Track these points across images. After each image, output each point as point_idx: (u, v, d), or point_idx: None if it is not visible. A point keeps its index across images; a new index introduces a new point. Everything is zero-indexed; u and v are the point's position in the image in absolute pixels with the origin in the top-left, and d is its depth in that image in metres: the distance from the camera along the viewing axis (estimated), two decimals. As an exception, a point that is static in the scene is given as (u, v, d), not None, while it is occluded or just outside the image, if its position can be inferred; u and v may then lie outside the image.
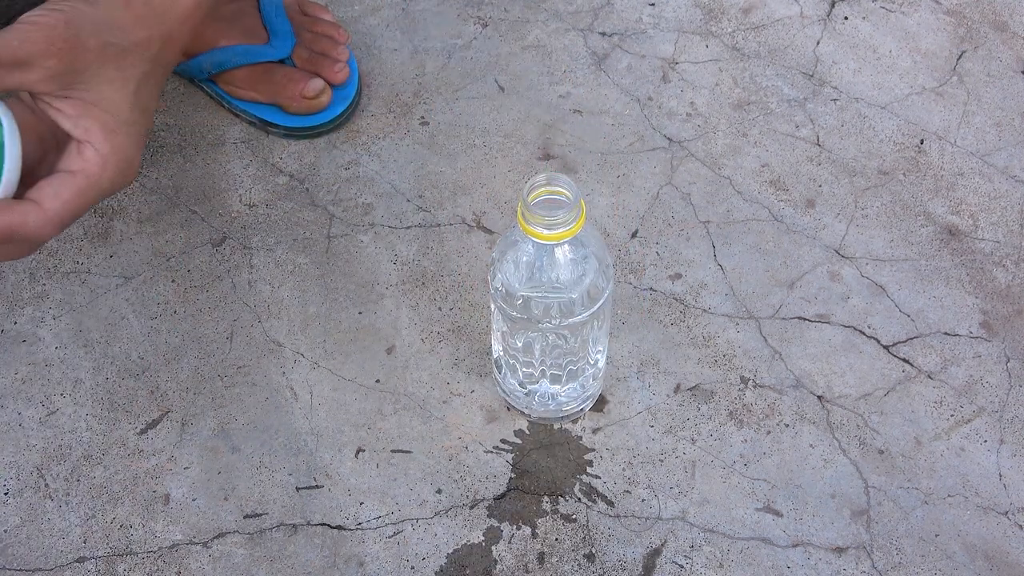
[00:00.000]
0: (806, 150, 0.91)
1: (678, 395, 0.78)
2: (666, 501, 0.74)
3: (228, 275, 0.84)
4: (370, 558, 0.72)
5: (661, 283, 0.83)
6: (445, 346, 0.80)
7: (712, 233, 0.86)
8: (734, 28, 1.00)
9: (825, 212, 0.87)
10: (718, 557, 0.72)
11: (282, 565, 0.71)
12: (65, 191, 0.50)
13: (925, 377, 0.79)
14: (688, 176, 0.89)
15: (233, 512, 0.74)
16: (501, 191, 0.89)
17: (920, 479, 0.75)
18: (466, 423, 0.77)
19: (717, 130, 0.92)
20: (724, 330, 0.81)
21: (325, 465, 0.75)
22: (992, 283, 0.84)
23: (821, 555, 0.72)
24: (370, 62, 0.97)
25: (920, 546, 0.72)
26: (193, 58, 0.90)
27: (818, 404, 0.78)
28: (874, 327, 0.81)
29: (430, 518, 0.73)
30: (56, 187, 0.50)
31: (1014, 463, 0.75)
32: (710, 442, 0.76)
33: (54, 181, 0.50)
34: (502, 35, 0.99)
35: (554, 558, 0.72)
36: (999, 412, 0.78)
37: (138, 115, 0.53)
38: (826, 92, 0.95)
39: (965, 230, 0.87)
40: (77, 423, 0.77)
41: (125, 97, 0.52)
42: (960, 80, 0.96)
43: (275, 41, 0.91)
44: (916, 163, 0.90)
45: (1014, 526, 0.73)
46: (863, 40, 0.99)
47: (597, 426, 0.77)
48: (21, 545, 0.72)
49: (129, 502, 0.74)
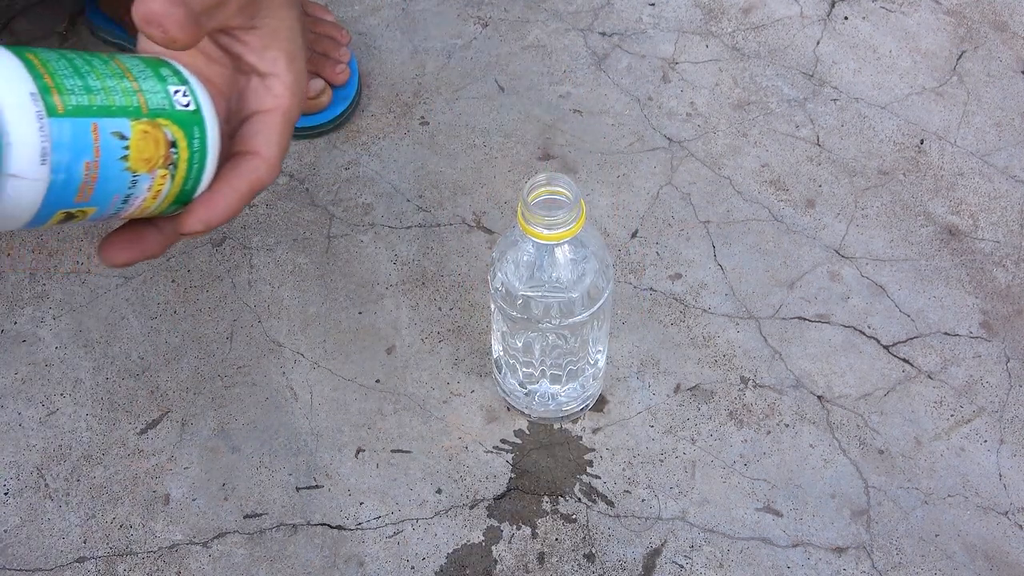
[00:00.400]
0: (806, 150, 0.91)
1: (678, 395, 0.78)
2: (666, 501, 0.74)
3: (228, 275, 0.84)
4: (370, 558, 0.72)
5: (661, 283, 0.84)
6: (445, 346, 0.80)
7: (712, 233, 0.86)
8: (734, 28, 1.00)
9: (825, 212, 0.87)
10: (718, 557, 0.72)
11: (282, 565, 0.71)
12: (272, 132, 0.48)
13: (925, 377, 0.79)
14: (688, 176, 0.89)
15: (233, 512, 0.74)
16: (501, 191, 0.89)
17: (920, 479, 0.75)
18: (466, 423, 0.77)
19: (717, 130, 0.92)
20: (724, 330, 0.81)
21: (325, 465, 0.75)
22: (992, 283, 0.84)
23: (821, 555, 0.72)
24: (370, 62, 0.97)
25: (920, 546, 0.72)
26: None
27: (818, 404, 0.78)
28: (874, 327, 0.81)
29: (430, 518, 0.73)
30: (264, 132, 0.48)
31: (1014, 463, 0.75)
32: (710, 442, 0.76)
33: (259, 126, 0.48)
34: (502, 35, 0.99)
35: (554, 558, 0.72)
36: (999, 412, 0.78)
37: (304, 41, 0.51)
38: (826, 92, 0.95)
39: (965, 230, 0.87)
40: (77, 423, 0.77)
41: (297, 21, 0.50)
42: (960, 80, 0.96)
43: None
44: (916, 163, 0.90)
45: (1014, 526, 0.73)
46: (863, 40, 0.99)
47: (597, 426, 0.77)
48: (21, 545, 0.72)
49: (129, 502, 0.74)
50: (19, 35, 0.98)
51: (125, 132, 0.40)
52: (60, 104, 0.38)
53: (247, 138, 0.48)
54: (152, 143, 0.41)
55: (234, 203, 0.46)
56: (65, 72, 0.39)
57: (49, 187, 0.38)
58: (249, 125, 0.48)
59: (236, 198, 0.46)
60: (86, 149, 0.39)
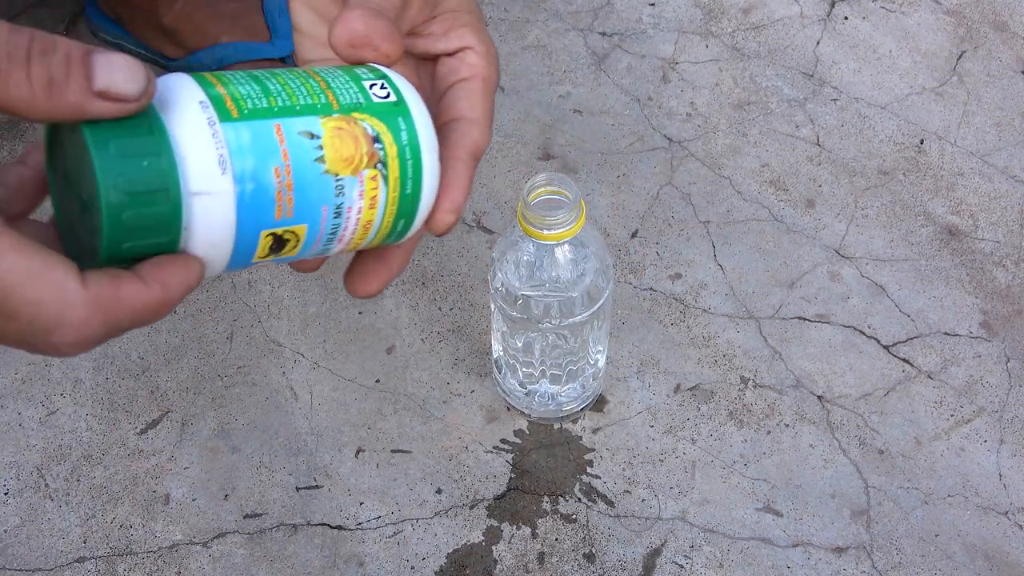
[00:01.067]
0: (806, 150, 0.91)
1: (678, 395, 0.78)
2: (666, 501, 0.74)
3: (228, 275, 0.84)
4: (370, 558, 0.72)
5: (661, 283, 0.84)
6: (445, 346, 0.80)
7: (712, 233, 0.86)
8: (734, 28, 1.00)
9: (825, 212, 0.87)
10: (718, 557, 0.72)
11: (282, 565, 0.71)
12: (475, 96, 0.44)
13: (925, 377, 0.79)
14: (688, 176, 0.89)
15: (233, 512, 0.74)
16: (501, 191, 0.89)
17: (920, 479, 0.75)
18: (466, 423, 0.77)
19: (717, 130, 0.92)
20: (724, 330, 0.81)
21: (325, 465, 0.75)
22: (992, 283, 0.84)
23: (821, 555, 0.72)
24: (370, 62, 0.97)
25: (920, 546, 0.72)
26: (193, 54, 0.90)
27: (818, 404, 0.78)
28: (874, 327, 0.81)
29: (430, 518, 0.73)
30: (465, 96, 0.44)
31: (1014, 463, 0.75)
32: (710, 442, 0.76)
33: (459, 93, 0.44)
34: (502, 35, 0.99)
35: (554, 558, 0.72)
36: (999, 412, 0.78)
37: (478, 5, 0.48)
38: (826, 92, 0.95)
39: (965, 230, 0.87)
40: (77, 423, 0.77)
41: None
42: (960, 80, 0.96)
43: (276, 40, 0.91)
44: (916, 163, 0.90)
45: (1014, 526, 0.73)
46: (863, 40, 0.99)
47: (597, 426, 0.77)
48: (21, 545, 0.72)
49: (129, 502, 0.74)
50: (19, 35, 0.98)
51: (315, 131, 0.36)
52: (234, 109, 0.34)
53: (449, 107, 0.43)
54: (350, 140, 0.36)
55: (464, 176, 0.41)
56: (240, 80, 0.36)
57: (238, 200, 0.34)
58: (448, 96, 0.44)
59: (463, 170, 0.41)
60: (272, 152, 0.35)
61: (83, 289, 0.31)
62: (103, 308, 0.32)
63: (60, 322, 0.31)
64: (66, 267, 0.31)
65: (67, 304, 0.31)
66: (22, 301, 0.31)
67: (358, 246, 0.39)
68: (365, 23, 0.38)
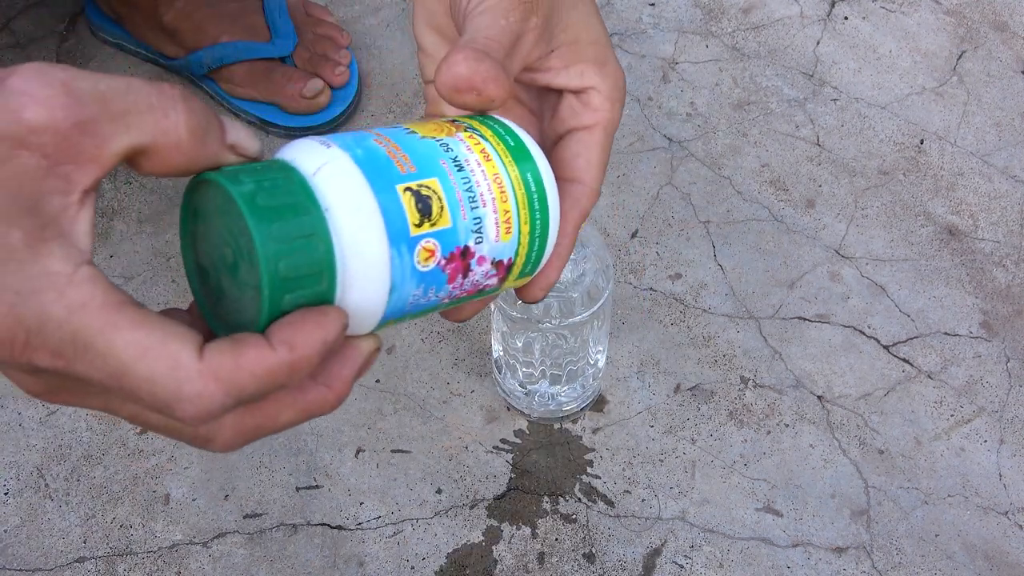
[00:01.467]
0: (806, 150, 0.91)
1: (678, 395, 0.78)
2: (666, 501, 0.74)
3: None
4: (370, 558, 0.72)
5: (661, 283, 0.84)
6: (445, 346, 0.80)
7: (712, 233, 0.86)
8: (734, 28, 1.00)
9: (825, 212, 0.87)
10: (718, 557, 0.72)
11: (282, 565, 0.71)
12: (594, 154, 0.42)
13: (925, 377, 0.79)
14: (688, 176, 0.89)
15: (233, 512, 0.74)
16: (501, 191, 0.88)
17: (920, 479, 0.75)
18: (466, 423, 0.77)
19: (717, 130, 0.92)
20: (724, 330, 0.81)
21: (325, 465, 0.75)
22: (992, 283, 0.84)
23: (821, 555, 0.72)
24: (370, 62, 0.97)
25: (920, 546, 0.72)
26: (193, 53, 0.90)
27: (818, 404, 0.78)
28: (874, 327, 0.81)
29: (430, 518, 0.73)
30: (584, 153, 0.42)
31: (1014, 463, 0.75)
32: (710, 442, 0.76)
33: (578, 147, 0.42)
34: (502, 35, 0.99)
35: (554, 558, 0.72)
36: (999, 412, 0.78)
37: (603, 26, 0.45)
38: (826, 92, 0.95)
39: (965, 230, 0.87)
40: (77, 423, 0.77)
41: (592, 16, 0.44)
42: (960, 80, 0.96)
43: (277, 40, 0.91)
44: (916, 163, 0.90)
45: (1014, 526, 0.73)
46: (863, 40, 0.99)
47: (597, 426, 0.77)
48: (21, 545, 0.72)
49: (129, 502, 0.74)
50: (19, 35, 0.98)
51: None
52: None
53: (566, 161, 0.42)
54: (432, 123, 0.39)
55: (569, 246, 0.41)
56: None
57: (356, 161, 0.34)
58: (566, 145, 0.43)
59: (568, 241, 0.41)
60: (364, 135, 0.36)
61: (198, 361, 0.30)
62: (220, 378, 0.30)
63: (178, 396, 0.30)
64: (183, 339, 0.30)
65: (181, 378, 0.30)
66: (140, 379, 0.30)
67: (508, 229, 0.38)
68: (468, 66, 0.37)
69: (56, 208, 0.30)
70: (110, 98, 0.30)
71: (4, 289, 0.29)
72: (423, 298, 0.36)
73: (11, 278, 0.29)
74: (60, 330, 0.29)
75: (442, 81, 0.38)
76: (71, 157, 0.30)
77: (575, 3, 0.43)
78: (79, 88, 0.30)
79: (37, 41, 0.97)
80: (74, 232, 0.30)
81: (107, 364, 0.30)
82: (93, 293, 0.30)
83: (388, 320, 0.36)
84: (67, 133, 0.30)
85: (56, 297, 0.29)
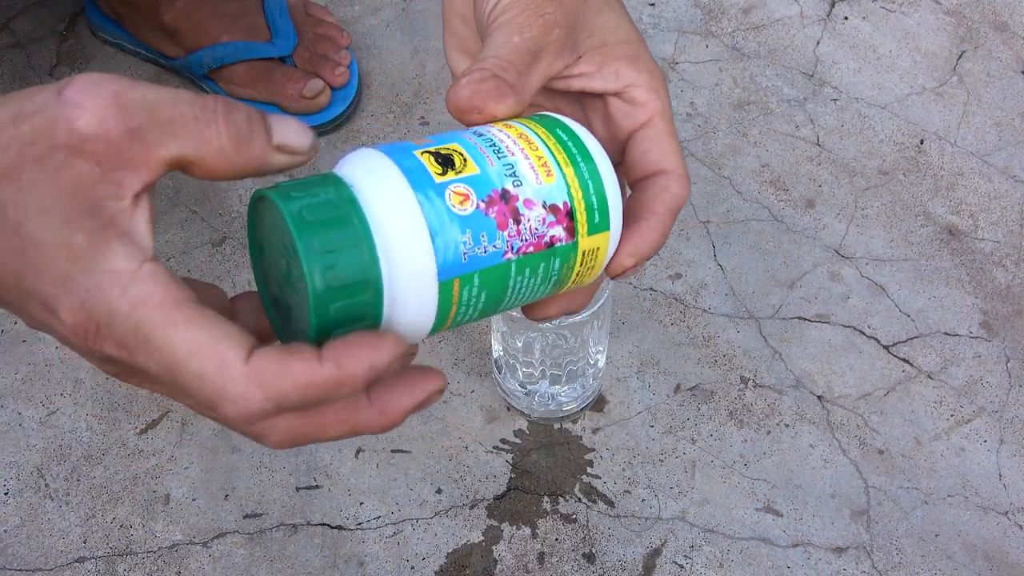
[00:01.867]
0: (806, 150, 0.91)
1: (678, 395, 0.78)
2: (666, 501, 0.74)
3: (228, 275, 0.84)
4: (370, 558, 0.72)
5: (661, 283, 0.84)
6: (445, 346, 0.80)
7: (712, 233, 0.86)
8: (734, 28, 1.00)
9: (825, 212, 0.87)
10: (718, 557, 0.72)
11: (282, 565, 0.71)
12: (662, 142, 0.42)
13: (925, 377, 0.79)
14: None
15: (233, 512, 0.74)
16: (501, 191, 0.88)
17: (920, 479, 0.75)
18: (466, 423, 0.77)
19: (717, 130, 0.92)
20: (724, 330, 0.81)
21: (325, 465, 0.75)
22: (992, 283, 0.84)
23: (821, 555, 0.72)
24: (370, 62, 0.97)
25: (920, 546, 0.72)
26: (193, 53, 0.90)
27: (818, 404, 0.78)
28: (874, 327, 0.81)
29: (430, 518, 0.73)
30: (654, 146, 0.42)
31: (1014, 463, 0.75)
32: (710, 442, 0.76)
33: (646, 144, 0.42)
34: (502, 35, 0.99)
35: (554, 558, 0.72)
36: (999, 412, 0.78)
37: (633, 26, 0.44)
38: (826, 92, 0.95)
39: (965, 230, 0.87)
40: (77, 423, 0.77)
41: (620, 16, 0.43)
42: (960, 80, 0.96)
43: (277, 40, 0.91)
44: (916, 163, 0.90)
45: (1014, 526, 0.73)
46: (863, 40, 0.99)
47: (597, 426, 0.77)
48: (21, 545, 0.72)
49: (129, 502, 0.74)
50: (19, 35, 0.98)
51: None
52: None
53: (640, 160, 0.43)
54: None
55: (661, 232, 0.41)
56: None
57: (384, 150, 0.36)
58: (634, 147, 0.43)
59: (659, 226, 0.41)
60: None
61: (244, 364, 0.32)
62: (263, 384, 0.32)
63: (222, 396, 0.32)
64: (234, 341, 0.32)
65: (226, 378, 0.32)
66: (189, 375, 0.32)
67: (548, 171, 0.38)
68: (471, 88, 0.39)
69: (113, 210, 0.32)
70: (157, 108, 0.32)
71: (78, 286, 0.32)
72: (479, 248, 0.35)
73: (82, 276, 0.32)
74: (124, 323, 0.32)
75: (450, 104, 0.39)
76: (122, 163, 0.32)
77: (602, 8, 0.43)
78: (129, 99, 0.32)
79: (37, 41, 0.97)
80: (134, 231, 0.33)
81: (163, 358, 0.32)
82: (154, 289, 0.32)
83: (452, 276, 0.35)
84: (118, 141, 0.32)
85: (120, 293, 0.32)
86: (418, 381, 0.37)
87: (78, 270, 0.32)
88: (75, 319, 0.32)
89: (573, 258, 0.38)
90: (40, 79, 0.95)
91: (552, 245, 0.37)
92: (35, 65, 0.96)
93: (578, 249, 0.38)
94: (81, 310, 0.32)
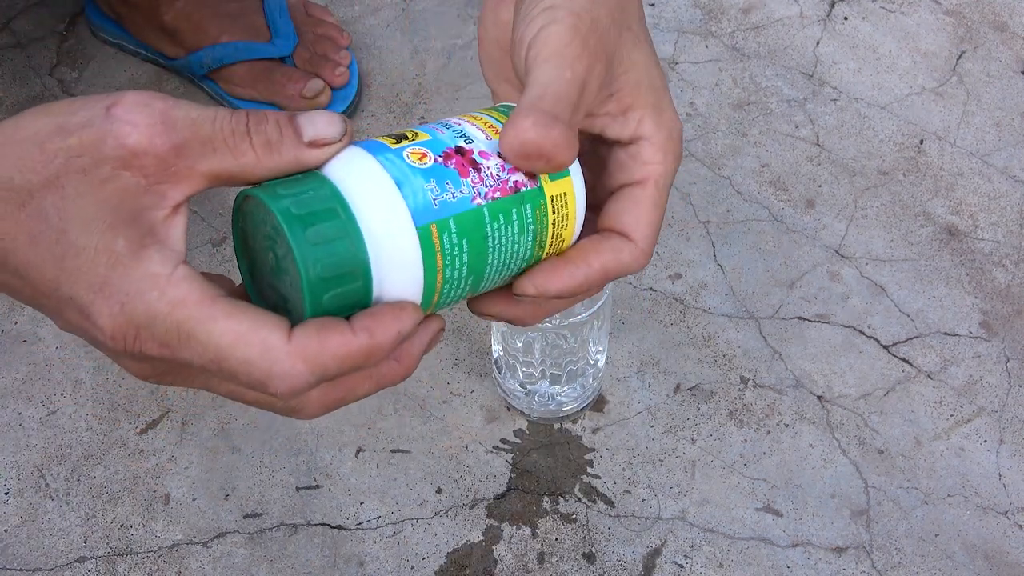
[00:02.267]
0: (806, 150, 0.91)
1: (678, 395, 0.78)
2: (666, 501, 0.74)
3: (228, 275, 0.84)
4: (370, 558, 0.72)
5: (661, 283, 0.84)
6: (445, 346, 0.81)
7: (712, 233, 0.86)
8: (734, 28, 1.00)
9: (825, 212, 0.88)
10: (718, 557, 0.72)
11: (282, 565, 0.71)
12: (642, 209, 0.41)
13: (925, 377, 0.79)
14: (688, 176, 0.89)
15: (233, 512, 0.74)
16: (501, 191, 0.89)
17: (920, 479, 0.75)
18: (466, 423, 0.77)
19: (717, 130, 0.92)
20: (724, 330, 0.81)
21: (325, 465, 0.75)
22: (992, 283, 0.84)
23: (821, 555, 0.72)
24: (370, 62, 0.97)
25: (920, 546, 0.72)
26: (194, 53, 0.90)
27: (818, 404, 0.78)
28: (874, 327, 0.81)
29: (430, 518, 0.73)
30: (632, 209, 0.41)
31: (1014, 463, 0.75)
32: (710, 442, 0.76)
33: (627, 203, 0.41)
34: (502, 35, 0.99)
35: (554, 558, 0.72)
36: (999, 412, 0.78)
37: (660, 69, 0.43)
38: (826, 92, 0.95)
39: (965, 230, 0.87)
40: (77, 423, 0.77)
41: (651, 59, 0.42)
42: (960, 80, 0.96)
43: (277, 40, 0.91)
44: (916, 163, 0.90)
45: (1014, 526, 0.73)
46: (863, 40, 0.99)
47: (597, 426, 0.77)
48: (21, 545, 0.72)
49: (129, 502, 0.74)
50: (19, 35, 0.98)
51: None
52: None
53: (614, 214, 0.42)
54: None
55: (579, 280, 0.40)
56: None
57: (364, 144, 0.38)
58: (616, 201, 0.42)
59: (581, 276, 0.40)
60: None
61: (287, 343, 0.34)
62: (306, 358, 0.34)
63: (271, 374, 0.34)
64: (272, 325, 0.35)
65: (272, 359, 0.34)
66: (236, 361, 0.34)
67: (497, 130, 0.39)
68: (538, 132, 0.37)
69: (153, 220, 0.35)
70: (199, 125, 0.35)
71: (116, 291, 0.34)
72: (446, 194, 0.37)
73: (120, 281, 0.34)
74: (165, 323, 0.34)
75: (509, 146, 0.37)
76: (167, 177, 0.35)
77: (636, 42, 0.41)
78: (175, 116, 0.35)
79: (37, 41, 0.97)
80: (169, 238, 0.36)
81: (207, 351, 0.34)
82: (190, 289, 0.34)
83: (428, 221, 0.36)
84: (164, 156, 0.35)
85: (159, 296, 0.34)
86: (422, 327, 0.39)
87: (117, 275, 0.34)
88: (114, 323, 0.34)
89: (544, 204, 0.39)
90: (40, 79, 0.95)
91: (518, 190, 0.39)
92: (35, 65, 0.96)
93: (545, 194, 0.39)
94: (120, 314, 0.34)
